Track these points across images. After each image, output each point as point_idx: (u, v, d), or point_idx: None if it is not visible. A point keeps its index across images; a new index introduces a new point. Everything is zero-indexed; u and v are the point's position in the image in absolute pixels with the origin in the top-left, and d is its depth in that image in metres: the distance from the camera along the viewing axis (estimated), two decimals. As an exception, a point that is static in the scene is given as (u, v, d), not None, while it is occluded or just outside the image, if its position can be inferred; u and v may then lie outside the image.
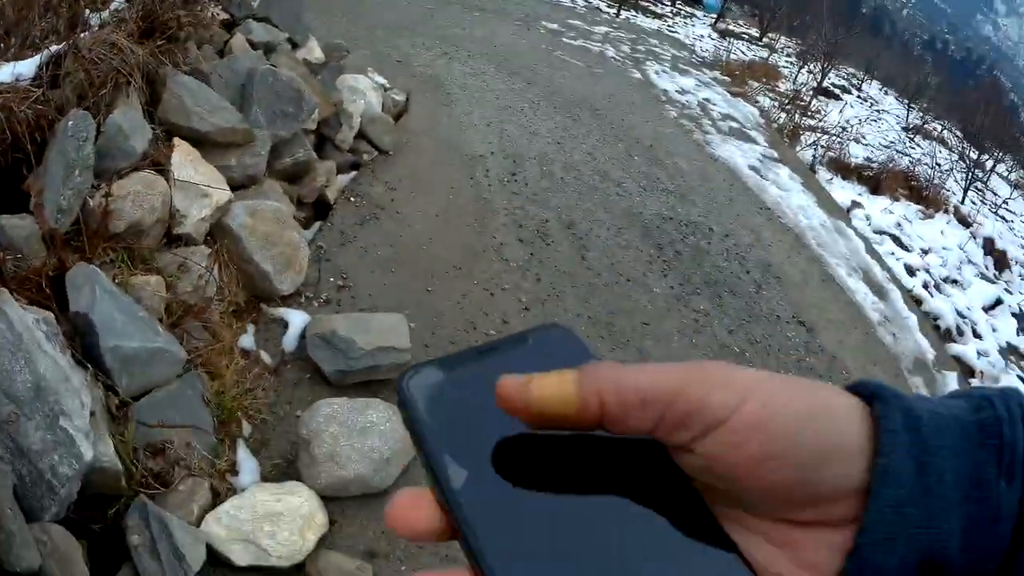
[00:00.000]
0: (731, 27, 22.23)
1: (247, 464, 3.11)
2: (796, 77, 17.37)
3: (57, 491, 2.28)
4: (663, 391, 0.37)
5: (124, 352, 2.94)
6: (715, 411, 0.36)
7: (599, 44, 13.07)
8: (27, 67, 3.14)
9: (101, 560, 2.43)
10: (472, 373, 0.42)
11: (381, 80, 7.01)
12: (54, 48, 3.25)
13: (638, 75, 11.81)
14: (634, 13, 18.60)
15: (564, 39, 12.58)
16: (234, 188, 4.15)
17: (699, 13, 23.41)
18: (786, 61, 19.83)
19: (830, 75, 18.25)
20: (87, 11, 3.68)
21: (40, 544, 2.11)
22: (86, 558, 2.29)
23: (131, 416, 2.83)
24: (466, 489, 0.38)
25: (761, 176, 9.09)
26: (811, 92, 16.22)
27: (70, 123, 3.14)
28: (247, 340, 3.81)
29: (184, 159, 3.83)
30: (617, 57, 12.58)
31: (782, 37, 22.89)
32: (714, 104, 11.49)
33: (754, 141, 10.42)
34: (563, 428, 0.39)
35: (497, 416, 0.39)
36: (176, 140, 3.86)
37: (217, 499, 2.83)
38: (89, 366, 2.84)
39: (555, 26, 13.30)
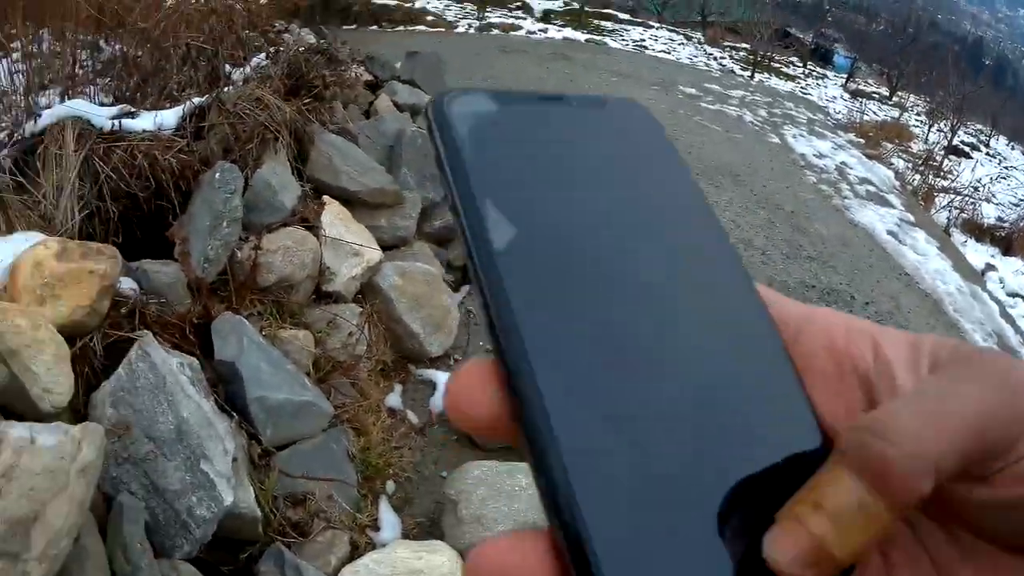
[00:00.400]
0: (861, 87, 22.18)
1: (389, 520, 2.96)
2: (927, 136, 17.19)
3: (192, 531, 2.20)
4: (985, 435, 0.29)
5: (270, 403, 2.90)
6: None
7: (736, 108, 13.00)
8: (170, 117, 3.22)
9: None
10: (531, 115, 0.35)
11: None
12: (197, 100, 3.33)
13: (776, 139, 11.67)
14: (767, 75, 18.79)
15: (702, 103, 12.54)
16: (384, 249, 4.14)
17: (830, 73, 23.60)
18: (916, 120, 19.63)
19: (959, 132, 17.96)
20: (227, 66, 3.79)
21: (167, 581, 2.02)
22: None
23: (273, 465, 2.75)
24: (510, 251, 0.30)
25: (899, 241, 8.83)
26: (942, 151, 16.03)
27: (216, 175, 3.19)
28: (394, 399, 3.72)
29: (334, 217, 3.85)
30: (755, 121, 12.47)
31: (911, 95, 22.85)
32: (851, 168, 11.29)
33: (891, 205, 10.16)
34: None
35: (558, 171, 0.33)
36: (326, 198, 3.89)
37: (356, 553, 2.69)
38: (234, 414, 2.80)
39: (692, 90, 13.33)
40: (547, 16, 18.60)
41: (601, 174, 0.35)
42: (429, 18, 11.72)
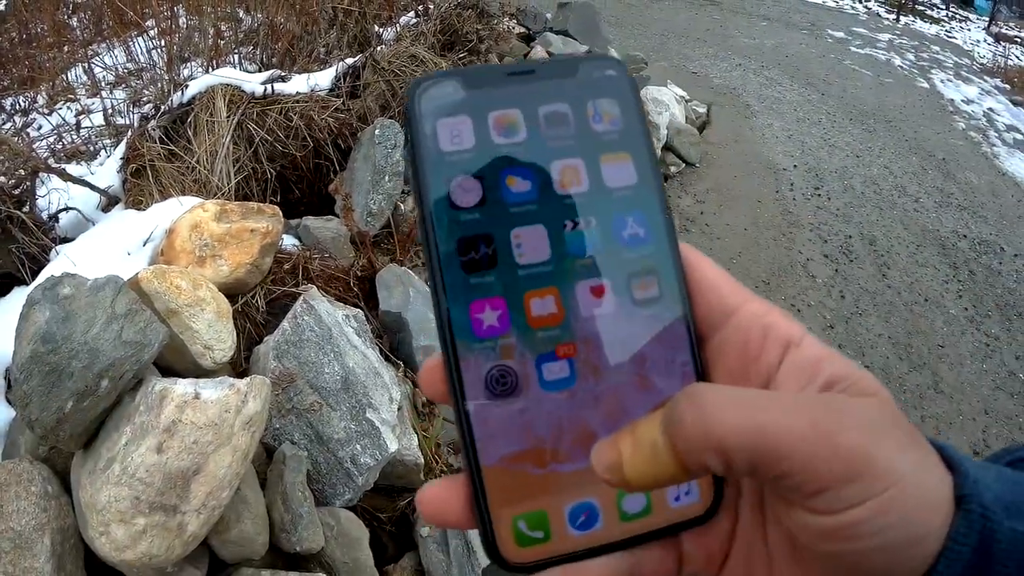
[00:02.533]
0: (1004, 30, 20.47)
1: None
2: None
3: (355, 479, 2.22)
4: (780, 451, 0.31)
5: (436, 351, 2.89)
6: (843, 497, 0.31)
7: (884, 52, 12.80)
8: (323, 78, 3.24)
9: (384, 548, 2.34)
10: (498, 94, 0.37)
11: (682, 92, 6.94)
12: (349, 60, 3.33)
13: (925, 84, 11.39)
14: (912, 18, 18.20)
15: (851, 47, 12.45)
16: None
17: (972, 16, 22.32)
18: None
19: None
20: (375, 26, 3.78)
21: (327, 527, 2.04)
22: (371, 544, 2.21)
23: (437, 413, 2.74)
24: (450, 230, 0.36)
25: None
26: None
27: (376, 131, 3.19)
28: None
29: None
30: (903, 65, 12.23)
31: None
32: (998, 115, 10.89)
33: None
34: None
35: (510, 154, 0.37)
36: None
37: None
38: (400, 363, 2.81)
39: (841, 34, 13.25)
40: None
41: (553, 148, 0.38)
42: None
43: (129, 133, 2.70)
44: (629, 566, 0.36)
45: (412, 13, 4.33)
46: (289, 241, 2.87)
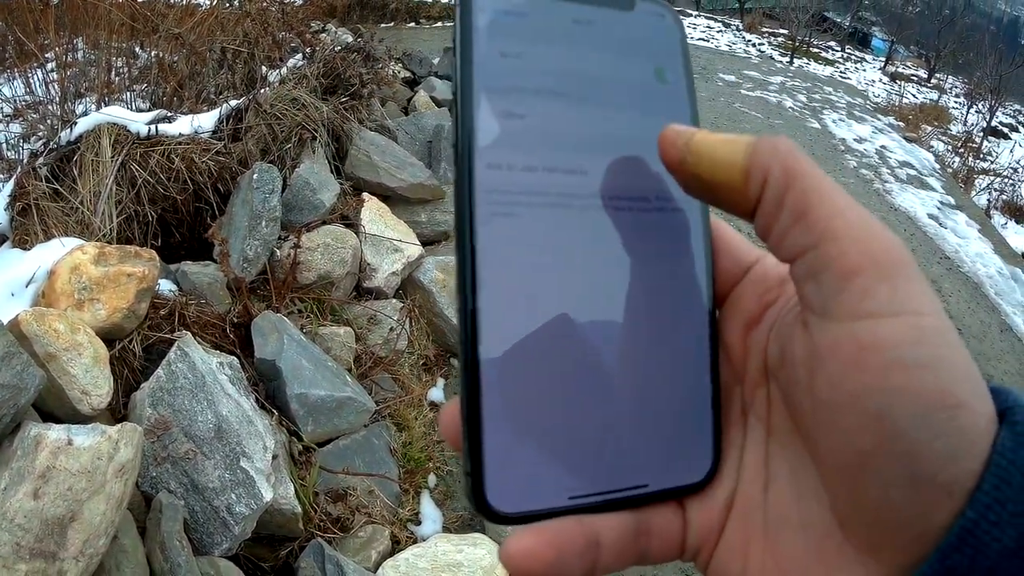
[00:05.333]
0: (900, 69, 22.19)
1: (430, 514, 2.96)
2: (966, 118, 17.21)
3: (231, 528, 2.22)
4: (837, 231, 0.30)
5: (311, 399, 2.91)
6: (880, 295, 0.29)
7: (776, 94, 13.05)
8: (206, 120, 3.25)
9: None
10: (552, 13, 0.36)
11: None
12: (233, 102, 3.35)
13: (816, 125, 11.65)
14: (806, 60, 18.86)
15: (741, 90, 12.54)
16: (424, 243, 4.14)
17: (868, 57, 23.88)
18: (955, 102, 19.65)
19: (997, 113, 17.84)
20: (263, 68, 3.81)
21: (205, 578, 2.04)
22: (251, 595, 2.21)
23: (314, 461, 2.76)
24: (487, 153, 0.33)
25: (940, 224, 8.86)
26: (981, 133, 15.94)
27: (255, 175, 3.21)
28: (436, 393, 3.71)
29: (374, 214, 3.86)
30: (795, 107, 12.49)
31: (949, 77, 22.92)
32: (891, 151, 11.29)
33: (931, 188, 10.11)
34: (711, 197, 0.35)
35: (556, 77, 0.35)
36: (365, 195, 3.90)
37: (397, 547, 2.69)
38: (274, 411, 2.82)
39: (731, 77, 13.40)
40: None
41: (596, 84, 0.37)
42: (468, 13, 11.76)
43: (19, 169, 2.64)
44: (636, 523, 0.35)
45: (300, 55, 4.36)
46: (167, 286, 2.84)
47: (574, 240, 0.35)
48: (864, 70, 20.74)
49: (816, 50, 21.15)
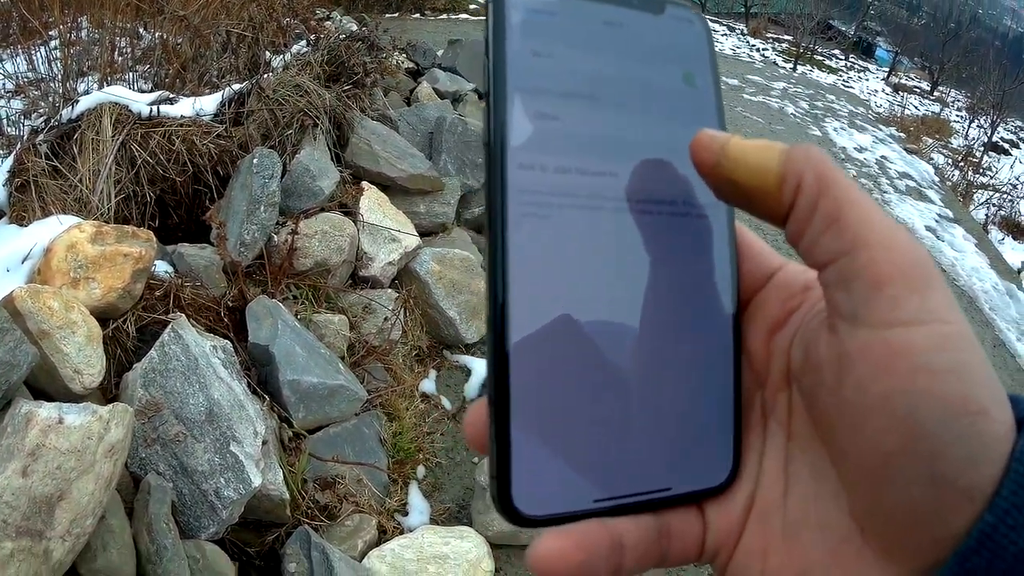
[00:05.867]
0: (903, 81, 22.04)
1: (418, 505, 2.97)
2: (967, 132, 17.12)
3: (219, 512, 2.22)
4: (868, 239, 0.31)
5: (303, 386, 2.91)
6: (908, 303, 0.29)
7: (778, 100, 13.02)
8: (208, 103, 3.24)
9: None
10: (584, 14, 0.36)
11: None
12: (236, 87, 3.34)
13: (817, 132, 11.62)
14: (809, 67, 18.75)
15: (744, 95, 12.54)
16: (422, 234, 4.14)
17: (872, 66, 23.74)
18: (957, 115, 19.53)
19: (999, 129, 17.81)
20: (267, 53, 3.80)
21: (192, 560, 2.04)
22: (236, 579, 2.21)
23: (304, 448, 2.76)
24: (519, 153, 0.34)
25: (937, 237, 8.88)
26: (982, 148, 15.87)
27: (255, 159, 3.21)
28: (428, 384, 3.72)
29: (372, 203, 3.86)
30: (796, 113, 12.47)
31: (952, 90, 22.82)
32: (891, 162, 11.28)
33: (930, 200, 10.15)
34: (744, 201, 0.35)
35: (586, 79, 0.36)
36: (364, 184, 3.90)
37: (383, 537, 2.69)
38: (266, 397, 2.82)
39: (735, 81, 13.34)
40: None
41: (627, 87, 0.37)
42: (472, 6, 11.68)
43: (19, 146, 2.64)
44: (658, 525, 0.36)
45: (304, 42, 4.35)
46: (163, 267, 2.84)
47: (603, 242, 0.35)
48: (867, 80, 20.70)
49: (820, 58, 21.05)
